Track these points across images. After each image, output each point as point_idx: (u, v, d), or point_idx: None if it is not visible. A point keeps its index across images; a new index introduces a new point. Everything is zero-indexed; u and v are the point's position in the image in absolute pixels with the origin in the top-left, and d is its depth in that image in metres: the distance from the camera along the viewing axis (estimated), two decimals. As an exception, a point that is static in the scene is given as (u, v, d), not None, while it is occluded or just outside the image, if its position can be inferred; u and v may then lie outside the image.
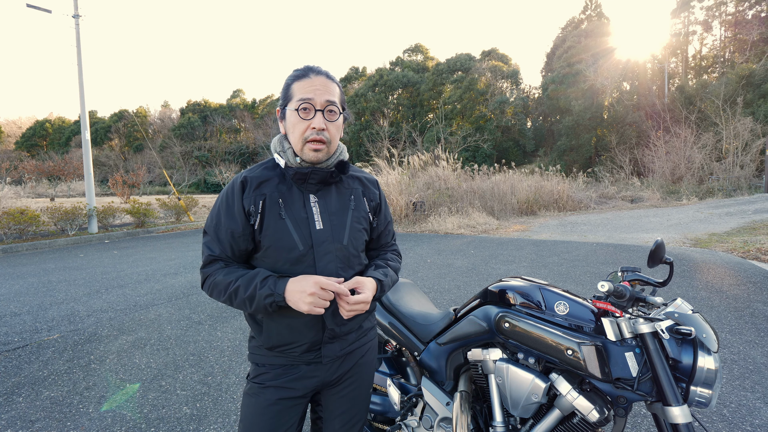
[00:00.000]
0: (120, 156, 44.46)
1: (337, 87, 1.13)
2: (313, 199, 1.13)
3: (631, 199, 15.34)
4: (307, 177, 1.10)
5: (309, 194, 1.13)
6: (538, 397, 1.22)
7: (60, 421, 2.37)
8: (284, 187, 1.12)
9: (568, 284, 4.87)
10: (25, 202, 14.92)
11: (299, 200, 1.12)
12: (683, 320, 1.08)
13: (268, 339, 1.13)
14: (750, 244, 6.60)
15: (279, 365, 1.14)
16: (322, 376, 1.16)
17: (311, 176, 1.10)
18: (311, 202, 1.13)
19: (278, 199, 1.10)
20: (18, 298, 4.90)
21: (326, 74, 1.11)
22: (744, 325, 3.47)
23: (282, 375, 1.13)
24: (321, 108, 1.07)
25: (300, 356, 1.13)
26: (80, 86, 11.19)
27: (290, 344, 1.12)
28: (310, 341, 1.12)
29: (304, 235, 1.09)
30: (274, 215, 1.09)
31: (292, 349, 1.12)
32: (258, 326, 1.14)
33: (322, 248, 1.10)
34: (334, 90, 1.10)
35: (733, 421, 2.18)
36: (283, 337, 1.11)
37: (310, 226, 1.10)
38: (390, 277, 1.22)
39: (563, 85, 26.53)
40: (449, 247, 7.68)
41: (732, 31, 29.59)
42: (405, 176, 12.26)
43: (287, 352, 1.13)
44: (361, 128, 33.11)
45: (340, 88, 1.15)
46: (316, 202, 1.13)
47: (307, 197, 1.13)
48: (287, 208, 1.10)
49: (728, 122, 18.46)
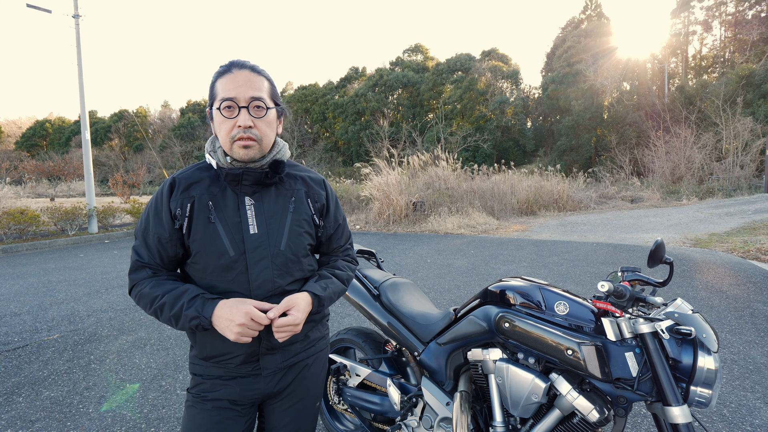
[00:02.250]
0: (120, 156, 44.44)
1: (265, 80, 1.05)
2: (249, 201, 1.07)
3: (631, 199, 15.33)
4: (240, 178, 1.03)
5: (244, 197, 1.07)
6: (538, 397, 1.22)
7: (60, 421, 2.37)
8: (216, 189, 1.06)
9: (568, 284, 4.87)
10: (25, 202, 14.92)
11: (232, 203, 1.06)
12: (683, 320, 1.08)
13: (202, 350, 1.08)
14: (750, 244, 6.60)
15: (216, 376, 1.08)
16: (263, 387, 1.10)
17: (244, 177, 1.03)
18: (246, 205, 1.06)
19: (208, 202, 1.04)
20: (18, 298, 4.90)
21: (251, 68, 1.03)
22: (744, 325, 3.47)
23: (220, 386, 1.08)
24: (245, 104, 1.00)
25: (237, 368, 1.08)
26: (80, 86, 11.19)
27: (224, 355, 1.06)
28: (246, 353, 1.06)
29: (236, 240, 1.03)
30: (203, 219, 1.03)
31: (227, 360, 1.07)
32: (193, 336, 1.10)
33: (256, 254, 1.04)
34: (260, 84, 1.03)
35: (733, 421, 2.18)
36: (216, 347, 1.06)
37: (243, 230, 1.04)
38: (332, 288, 1.15)
39: (563, 85, 26.52)
40: (449, 247, 7.68)
41: (732, 31, 29.58)
42: (405, 176, 12.25)
43: (223, 363, 1.07)
44: (361, 128, 33.10)
45: (270, 81, 1.08)
46: (252, 204, 1.07)
47: (242, 200, 1.06)
48: (218, 211, 1.04)
49: (728, 122, 18.45)
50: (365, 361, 1.90)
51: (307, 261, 1.15)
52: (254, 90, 1.01)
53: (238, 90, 1.00)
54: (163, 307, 1.00)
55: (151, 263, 1.06)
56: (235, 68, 1.02)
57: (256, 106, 1.01)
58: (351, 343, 2.00)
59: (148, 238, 1.05)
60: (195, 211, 1.04)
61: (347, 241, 1.31)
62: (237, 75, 1.01)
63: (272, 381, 1.11)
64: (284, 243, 1.08)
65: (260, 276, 1.04)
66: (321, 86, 39.41)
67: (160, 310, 1.00)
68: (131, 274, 1.07)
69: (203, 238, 1.03)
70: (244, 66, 1.03)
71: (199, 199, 1.04)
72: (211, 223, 1.03)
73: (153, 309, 1.01)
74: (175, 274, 1.12)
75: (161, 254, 1.06)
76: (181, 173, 1.08)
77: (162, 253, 1.06)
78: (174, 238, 1.04)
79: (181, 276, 1.13)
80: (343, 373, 1.99)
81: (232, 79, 1.01)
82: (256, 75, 1.03)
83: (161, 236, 1.04)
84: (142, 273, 1.06)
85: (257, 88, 1.02)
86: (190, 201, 1.04)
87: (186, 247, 1.06)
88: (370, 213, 11.88)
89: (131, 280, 1.07)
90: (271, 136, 1.06)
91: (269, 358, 1.09)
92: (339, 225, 1.26)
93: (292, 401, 1.16)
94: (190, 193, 1.04)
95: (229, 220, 1.04)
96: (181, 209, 1.03)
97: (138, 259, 1.06)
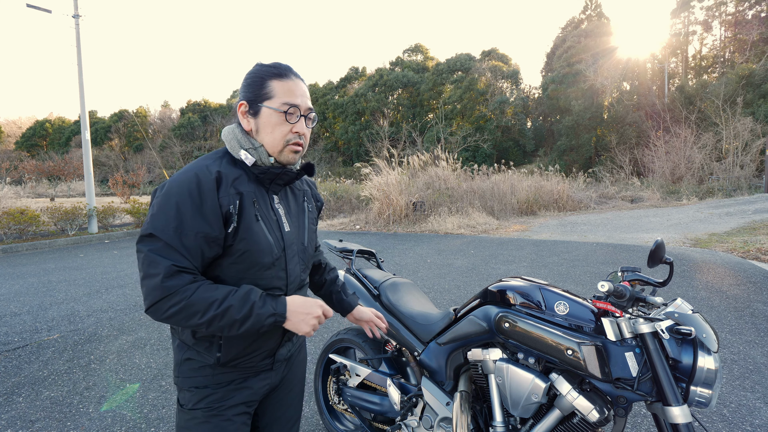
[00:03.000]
0: (120, 156, 44.43)
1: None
2: (276, 200, 1.10)
3: (631, 199, 15.33)
4: (275, 177, 1.05)
5: (273, 195, 1.09)
6: (538, 397, 1.22)
7: (60, 421, 2.37)
8: (253, 186, 1.04)
9: (568, 284, 4.87)
10: (25, 202, 14.91)
11: (268, 201, 1.06)
12: (683, 320, 1.08)
13: (227, 353, 1.02)
14: (750, 244, 6.60)
15: (228, 381, 1.05)
16: (272, 380, 1.14)
17: (280, 177, 1.05)
18: (275, 203, 1.09)
19: (253, 199, 1.02)
20: (18, 298, 4.90)
21: (303, 80, 1.09)
22: (744, 325, 3.47)
23: (234, 391, 1.06)
24: (305, 114, 1.05)
25: (257, 364, 1.09)
26: (80, 86, 11.19)
27: (250, 354, 1.06)
28: (270, 348, 1.09)
29: (277, 237, 1.05)
30: (250, 217, 1.00)
31: (250, 359, 1.06)
32: (208, 344, 1.02)
33: (291, 250, 1.09)
34: (310, 97, 1.10)
35: (733, 421, 2.18)
36: (245, 347, 1.04)
37: (281, 228, 1.07)
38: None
39: (563, 85, 26.52)
40: (449, 247, 7.68)
41: (732, 31, 29.58)
42: (405, 176, 12.25)
43: (242, 364, 1.06)
44: (361, 128, 33.11)
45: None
46: (279, 203, 1.10)
47: (272, 198, 1.08)
48: (260, 210, 1.03)
49: (728, 122, 18.45)
50: (365, 361, 1.90)
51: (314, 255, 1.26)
52: (309, 101, 1.08)
53: (302, 99, 1.05)
54: (228, 310, 0.91)
55: (190, 267, 0.93)
56: (293, 75, 1.05)
57: (310, 118, 1.08)
58: (351, 343, 2.00)
59: (185, 237, 0.92)
60: (244, 209, 0.99)
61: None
62: (298, 84, 1.05)
63: (279, 372, 1.17)
64: (306, 239, 1.15)
65: (294, 271, 1.10)
66: (321, 86, 39.40)
67: (224, 313, 0.91)
68: (166, 281, 0.89)
69: (252, 236, 0.99)
70: (299, 76, 1.07)
71: (246, 195, 1.00)
72: (257, 221, 1.02)
73: (210, 315, 0.91)
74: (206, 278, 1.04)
75: (203, 255, 0.95)
76: (216, 166, 1.00)
77: (205, 253, 0.95)
78: (220, 237, 0.96)
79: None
80: (343, 373, 1.99)
81: (294, 86, 1.04)
82: (307, 88, 1.10)
83: (208, 234, 0.93)
84: (182, 279, 0.91)
85: (310, 100, 1.10)
86: (238, 198, 0.99)
87: (225, 247, 0.98)
88: (370, 213, 11.88)
89: (166, 288, 0.89)
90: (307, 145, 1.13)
91: (280, 351, 1.14)
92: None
93: (288, 388, 1.22)
94: (238, 188, 1.00)
95: (269, 218, 1.05)
96: (233, 206, 0.97)
97: (174, 264, 0.90)
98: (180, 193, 0.93)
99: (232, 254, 0.99)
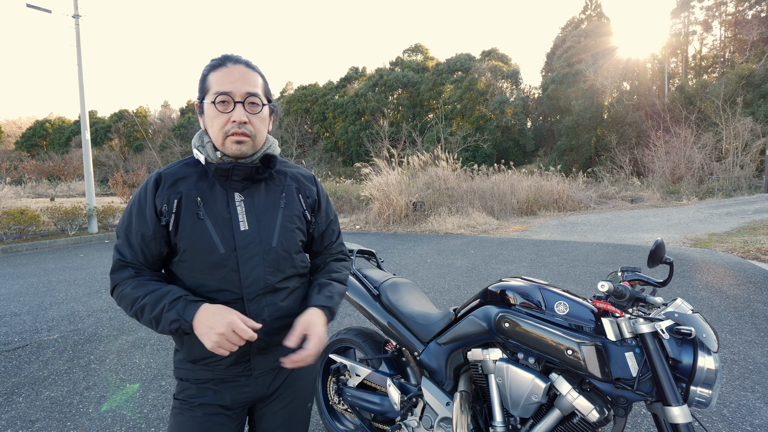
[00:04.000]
0: (120, 156, 44.41)
1: (260, 77, 1.04)
2: (239, 197, 1.04)
3: (631, 199, 15.33)
4: (230, 173, 1.01)
5: (234, 192, 1.04)
6: (538, 397, 1.22)
7: (60, 421, 2.37)
8: (205, 184, 1.03)
9: (568, 284, 4.87)
10: (25, 202, 14.92)
11: (222, 199, 1.03)
12: (683, 320, 1.08)
13: (190, 351, 1.03)
14: (750, 244, 6.60)
15: (205, 379, 1.05)
16: (254, 390, 1.08)
17: (234, 172, 1.01)
18: (236, 201, 1.04)
19: (196, 198, 1.01)
20: (18, 298, 4.90)
21: (246, 63, 1.02)
22: (744, 325, 3.47)
23: (209, 390, 1.04)
24: (241, 100, 0.98)
25: (227, 369, 1.04)
26: (80, 86, 11.19)
27: (215, 356, 1.02)
28: (237, 353, 1.02)
29: (226, 236, 1.01)
30: (191, 215, 1.00)
31: (217, 362, 1.03)
32: (180, 338, 1.04)
33: (247, 251, 1.02)
34: (255, 80, 1.02)
35: (733, 421, 2.18)
36: (206, 349, 1.00)
37: (233, 226, 1.02)
38: (336, 293, 1.15)
39: (563, 85, 26.52)
40: (449, 247, 7.68)
41: (732, 31, 29.58)
42: (405, 176, 12.25)
43: (212, 365, 1.04)
44: (361, 128, 33.09)
45: (264, 78, 1.07)
46: (241, 201, 1.04)
47: (231, 196, 1.04)
48: (207, 208, 1.01)
49: (728, 122, 18.45)
50: (365, 361, 1.90)
51: (300, 258, 1.13)
52: (250, 85, 1.00)
53: (234, 84, 0.98)
54: (143, 308, 0.95)
55: (133, 262, 1.02)
56: (229, 62, 1.00)
57: (251, 102, 1.00)
58: (351, 343, 2.00)
59: (130, 235, 1.01)
60: (183, 208, 1.00)
61: (338, 237, 1.30)
62: (232, 69, 0.99)
63: (264, 383, 1.09)
64: (276, 239, 1.06)
65: (251, 273, 1.02)
66: (321, 86, 39.39)
67: (141, 311, 0.96)
68: (113, 273, 1.03)
69: (192, 234, 0.99)
70: (239, 61, 1.01)
71: (187, 195, 1.01)
72: (200, 219, 1.00)
73: (134, 310, 0.97)
74: (159, 274, 1.07)
75: (145, 253, 1.01)
76: (167, 168, 1.05)
77: (146, 251, 1.01)
78: (159, 236, 1.00)
79: (166, 276, 1.09)
80: (343, 373, 1.99)
81: (227, 74, 0.99)
82: (251, 71, 1.02)
83: (145, 234, 1.00)
84: (124, 273, 1.01)
85: (253, 84, 1.01)
86: (177, 197, 1.00)
87: (172, 245, 1.02)
88: (370, 213, 11.88)
89: (113, 280, 1.03)
90: (263, 132, 1.05)
91: (260, 358, 1.07)
92: (330, 221, 1.25)
93: (283, 403, 1.13)
94: (178, 188, 1.01)
95: (218, 217, 1.01)
96: (167, 205, 0.99)
97: (120, 258, 1.02)
98: (135, 196, 1.04)
99: (177, 253, 1.03)
